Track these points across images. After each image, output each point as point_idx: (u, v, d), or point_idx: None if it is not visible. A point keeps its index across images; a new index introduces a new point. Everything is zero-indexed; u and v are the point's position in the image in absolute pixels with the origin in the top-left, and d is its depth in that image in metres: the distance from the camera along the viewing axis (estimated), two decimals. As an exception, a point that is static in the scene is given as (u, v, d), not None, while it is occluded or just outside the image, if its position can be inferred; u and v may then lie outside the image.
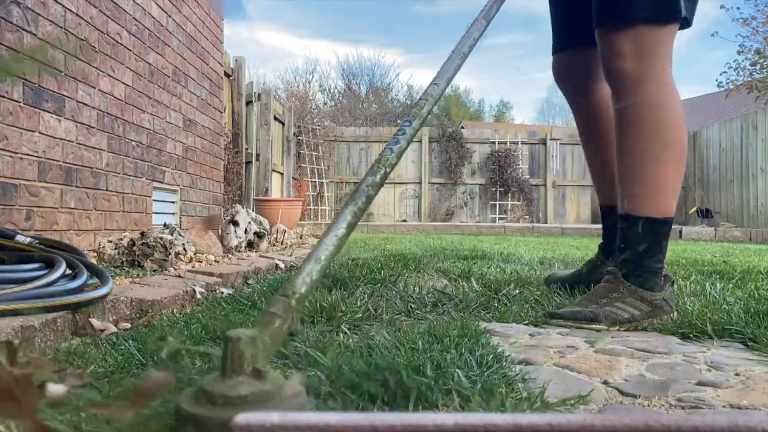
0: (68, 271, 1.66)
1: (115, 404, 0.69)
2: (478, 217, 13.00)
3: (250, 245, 4.17)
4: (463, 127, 15.01)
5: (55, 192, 2.92)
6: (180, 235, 2.94)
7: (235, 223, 4.09)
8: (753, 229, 9.50)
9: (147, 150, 3.98)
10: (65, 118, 2.99)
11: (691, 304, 1.81)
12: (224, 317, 1.59)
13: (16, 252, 1.80)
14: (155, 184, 4.13)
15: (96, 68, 3.30)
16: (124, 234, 2.92)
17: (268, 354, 0.77)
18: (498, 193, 12.84)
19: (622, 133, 1.79)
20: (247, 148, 8.44)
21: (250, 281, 2.69)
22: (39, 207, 2.79)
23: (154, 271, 2.58)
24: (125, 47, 3.65)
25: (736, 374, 1.19)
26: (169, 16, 4.37)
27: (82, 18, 3.14)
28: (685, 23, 1.79)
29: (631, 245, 1.73)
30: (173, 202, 4.55)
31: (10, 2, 2.54)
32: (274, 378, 0.72)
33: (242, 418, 0.32)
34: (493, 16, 1.65)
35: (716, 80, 14.15)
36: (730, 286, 2.27)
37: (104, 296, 1.57)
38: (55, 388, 0.74)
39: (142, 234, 2.76)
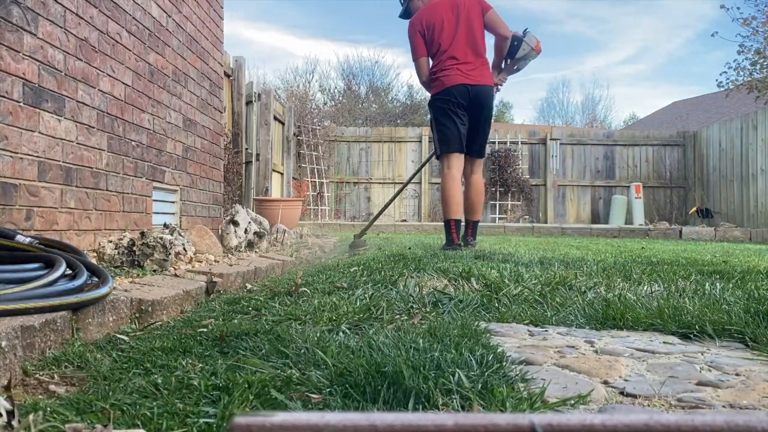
0: (68, 271, 1.66)
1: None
2: (478, 217, 12.97)
3: (250, 245, 4.16)
4: (463, 127, 14.98)
5: (55, 192, 2.92)
6: (180, 235, 2.94)
7: (235, 223, 4.09)
8: (753, 229, 9.50)
9: (147, 150, 3.98)
10: (65, 118, 2.99)
11: (691, 304, 1.81)
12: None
13: (16, 252, 1.80)
14: (155, 184, 4.13)
15: (96, 68, 3.30)
16: (124, 234, 2.92)
17: (361, 235, 5.04)
18: (498, 193, 12.84)
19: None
20: (247, 148, 8.44)
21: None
22: (39, 207, 2.78)
23: (154, 271, 2.58)
24: (125, 47, 3.65)
25: (736, 374, 1.19)
26: (169, 16, 4.37)
27: (82, 18, 3.14)
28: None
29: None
30: (173, 202, 4.55)
31: (10, 2, 2.54)
32: (363, 240, 4.94)
33: (242, 419, 0.32)
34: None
35: (716, 80, 14.15)
36: (730, 286, 2.27)
37: (104, 296, 1.57)
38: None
39: (142, 234, 2.76)
